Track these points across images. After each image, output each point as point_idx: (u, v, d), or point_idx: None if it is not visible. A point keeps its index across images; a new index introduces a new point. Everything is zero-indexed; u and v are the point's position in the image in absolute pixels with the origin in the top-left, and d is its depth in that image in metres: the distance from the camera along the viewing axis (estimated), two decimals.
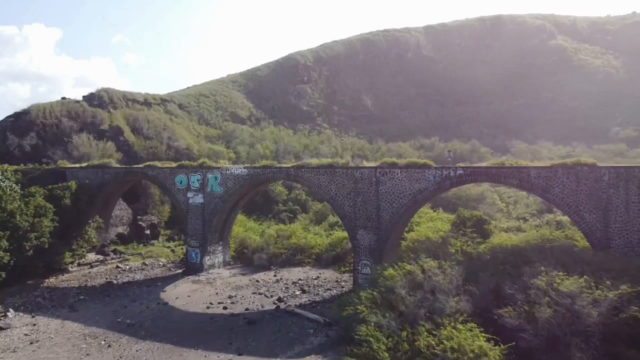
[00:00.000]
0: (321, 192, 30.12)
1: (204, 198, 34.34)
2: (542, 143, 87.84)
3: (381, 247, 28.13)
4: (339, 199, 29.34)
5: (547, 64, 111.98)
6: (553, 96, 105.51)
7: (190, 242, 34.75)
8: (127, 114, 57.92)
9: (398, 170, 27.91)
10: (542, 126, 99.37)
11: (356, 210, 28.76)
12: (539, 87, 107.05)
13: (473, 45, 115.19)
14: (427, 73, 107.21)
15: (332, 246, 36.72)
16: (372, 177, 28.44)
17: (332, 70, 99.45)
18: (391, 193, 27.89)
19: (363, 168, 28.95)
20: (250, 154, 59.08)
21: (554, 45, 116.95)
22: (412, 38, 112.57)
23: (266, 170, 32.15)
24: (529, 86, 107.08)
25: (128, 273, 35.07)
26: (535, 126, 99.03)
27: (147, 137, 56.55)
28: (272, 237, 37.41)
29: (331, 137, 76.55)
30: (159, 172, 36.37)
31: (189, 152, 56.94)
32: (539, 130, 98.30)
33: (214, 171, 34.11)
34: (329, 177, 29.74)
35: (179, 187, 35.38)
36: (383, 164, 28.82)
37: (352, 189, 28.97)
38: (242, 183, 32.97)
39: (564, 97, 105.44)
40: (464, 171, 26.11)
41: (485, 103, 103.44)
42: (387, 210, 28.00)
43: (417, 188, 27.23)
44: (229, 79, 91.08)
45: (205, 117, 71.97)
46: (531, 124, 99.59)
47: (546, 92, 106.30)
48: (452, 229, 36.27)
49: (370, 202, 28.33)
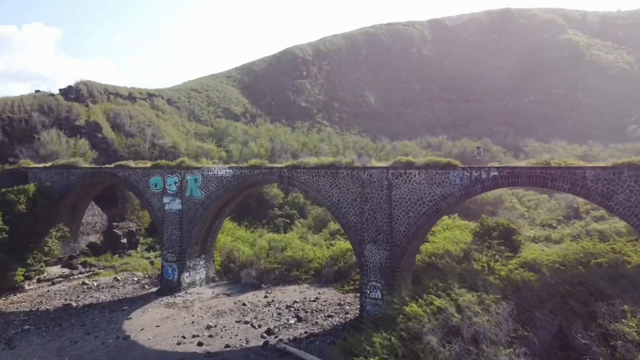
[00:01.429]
0: (321, 198, 24.82)
1: (182, 204, 29.04)
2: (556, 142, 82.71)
3: (394, 265, 22.85)
4: (343, 207, 24.05)
5: (559, 59, 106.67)
6: (565, 92, 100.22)
7: (167, 256, 29.43)
8: (108, 109, 52.63)
9: (415, 172, 22.62)
10: (554, 124, 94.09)
11: (363, 220, 23.49)
12: (551, 83, 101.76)
13: (480, 39, 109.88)
14: (432, 68, 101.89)
15: (333, 260, 31.46)
16: (383, 180, 23.16)
17: (332, 64, 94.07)
18: (407, 199, 22.61)
19: (372, 168, 23.66)
20: (243, 152, 53.83)
21: (565, 39, 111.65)
22: (417, 32, 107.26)
23: (254, 171, 26.84)
24: (540, 82, 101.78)
25: (94, 292, 29.78)
26: (548, 124, 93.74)
27: (128, 134, 51.26)
28: (264, 249, 32.10)
29: (332, 135, 71.28)
30: (131, 173, 31.07)
31: (175, 151, 51.70)
32: (551, 128, 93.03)
33: (194, 172, 28.81)
34: (331, 179, 24.47)
35: (153, 190, 30.08)
36: (396, 164, 23.53)
37: (359, 194, 23.69)
38: (227, 186, 27.68)
39: (577, 94, 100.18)
40: (499, 172, 20.81)
41: (494, 100, 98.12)
42: (402, 220, 22.71)
43: (440, 193, 21.94)
44: (223, 74, 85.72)
45: (196, 113, 66.67)
46: (543, 122, 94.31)
47: (558, 89, 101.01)
48: (474, 239, 31.07)
49: (381, 211, 23.05)
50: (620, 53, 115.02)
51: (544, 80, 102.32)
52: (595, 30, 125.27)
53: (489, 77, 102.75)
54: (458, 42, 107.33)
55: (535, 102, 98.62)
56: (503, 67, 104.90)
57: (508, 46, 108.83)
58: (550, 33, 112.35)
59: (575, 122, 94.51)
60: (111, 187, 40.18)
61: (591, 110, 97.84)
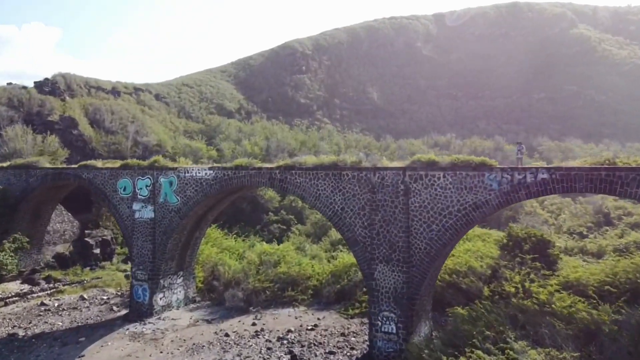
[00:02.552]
0: (320, 206, 20.08)
1: (154, 211, 24.30)
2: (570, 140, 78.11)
3: (413, 291, 18.13)
4: (348, 217, 19.34)
5: (570, 54, 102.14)
6: (578, 89, 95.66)
7: (136, 274, 24.68)
8: (87, 104, 47.92)
9: (440, 174, 17.90)
10: (567, 122, 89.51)
11: (374, 234, 18.77)
12: (562, 79, 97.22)
13: (488, 34, 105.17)
14: (438, 64, 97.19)
15: (335, 276, 26.73)
16: (399, 184, 18.44)
17: (333, 59, 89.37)
18: (429, 208, 17.90)
19: (384, 169, 18.94)
20: (235, 151, 49.09)
21: (576, 34, 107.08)
22: (421, 26, 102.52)
23: (240, 173, 22.09)
24: (550, 79, 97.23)
25: (51, 315, 25.04)
26: (560, 122, 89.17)
27: (109, 130, 46.60)
28: (253, 263, 27.31)
29: (333, 133, 66.56)
30: (96, 175, 26.33)
31: (160, 149, 47.10)
32: (563, 126, 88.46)
33: (169, 173, 24.07)
34: (333, 182, 19.76)
35: (122, 195, 25.34)
36: (415, 163, 18.80)
37: (368, 201, 18.98)
38: (207, 190, 22.94)
39: (590, 91, 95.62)
40: (550, 175, 16.10)
41: (503, 97, 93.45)
42: (423, 234, 18.00)
43: (472, 201, 17.23)
44: (218, 69, 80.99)
45: (187, 109, 61.95)
46: (555, 120, 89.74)
47: (570, 85, 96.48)
48: (502, 253, 26.34)
49: (396, 222, 18.35)
50: (632, 48, 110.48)
51: (555, 77, 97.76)
52: (606, 26, 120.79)
53: (498, 73, 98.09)
54: (465, 36, 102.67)
55: (546, 99, 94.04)
56: (512, 63, 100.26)
57: (517, 41, 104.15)
58: (560, 27, 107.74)
59: (589, 120, 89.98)
60: (84, 190, 35.51)
61: (605, 108, 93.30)
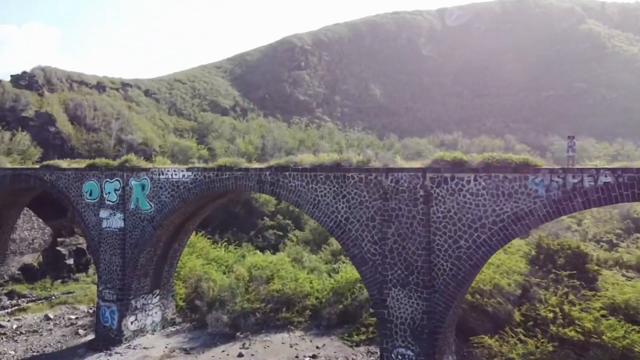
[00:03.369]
0: (320, 215, 16.41)
1: (124, 220, 20.62)
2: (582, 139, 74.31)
3: (435, 324, 14.46)
4: (353, 229, 15.69)
5: (579, 50, 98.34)
6: (588, 86, 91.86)
7: (104, 294, 21.00)
8: (67, 99, 44.27)
9: (470, 176, 14.26)
10: (577, 121, 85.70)
11: (386, 250, 15.13)
12: (571, 76, 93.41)
13: (494, 29, 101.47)
14: (442, 60, 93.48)
15: (337, 294, 23.04)
16: (417, 189, 14.80)
17: (334, 55, 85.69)
18: (456, 220, 14.28)
19: (399, 171, 15.28)
20: (228, 150, 45.41)
21: (585, 30, 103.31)
22: (425, 21, 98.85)
23: (223, 175, 18.42)
24: (559, 75, 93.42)
25: (5, 341, 21.42)
26: (570, 120, 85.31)
27: (91, 128, 42.95)
28: (242, 279, 23.60)
29: (333, 132, 62.92)
30: (60, 176, 22.66)
31: (146, 148, 43.49)
32: (573, 125, 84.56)
33: (141, 175, 20.39)
34: (335, 186, 16.11)
35: (88, 200, 21.68)
36: (438, 163, 15.13)
37: (379, 210, 15.34)
38: (185, 195, 19.26)
39: (600, 88, 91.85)
40: (616, 178, 12.46)
41: (511, 94, 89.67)
42: (448, 252, 14.37)
43: (512, 211, 13.59)
44: (213, 65, 77.31)
45: (178, 106, 58.29)
46: (565, 118, 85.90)
47: (579, 82, 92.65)
48: (531, 268, 22.68)
49: (414, 237, 14.72)
50: None
51: (564, 74, 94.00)
52: (615, 21, 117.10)
53: (504, 70, 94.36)
54: (470, 31, 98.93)
55: (555, 96, 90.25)
56: (519, 60, 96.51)
57: (524, 37, 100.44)
58: (569, 23, 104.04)
59: (600, 118, 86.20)
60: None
61: (616, 106, 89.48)
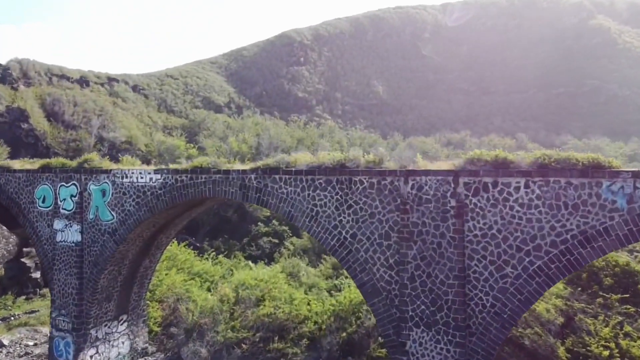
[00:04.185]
0: (319, 230, 12.81)
1: (81, 232, 16.98)
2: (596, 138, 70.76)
3: None
4: (362, 249, 12.12)
5: (590, 46, 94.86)
6: (599, 84, 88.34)
7: (58, 322, 17.38)
8: (44, 93, 40.66)
9: (519, 181, 10.67)
10: (589, 119, 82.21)
11: (405, 278, 11.55)
12: (582, 73, 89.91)
13: (501, 24, 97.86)
14: (447, 56, 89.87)
15: (339, 319, 19.40)
16: (448, 197, 11.21)
17: (334, 50, 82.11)
18: (500, 239, 10.75)
19: (423, 174, 11.63)
20: (220, 150, 41.81)
21: (595, 25, 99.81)
22: (429, 16, 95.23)
23: (198, 178, 14.79)
24: (569, 72, 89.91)
25: None
26: (582, 119, 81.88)
27: (70, 125, 39.34)
28: (228, 301, 19.95)
29: (334, 130, 59.32)
30: (10, 179, 19.02)
31: (130, 148, 39.87)
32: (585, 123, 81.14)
33: (101, 178, 16.76)
34: (338, 194, 12.54)
35: (40, 208, 18.05)
36: (474, 163, 11.47)
37: (395, 224, 11.76)
38: (153, 203, 15.63)
39: (612, 85, 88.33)
40: None
41: (519, 92, 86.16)
42: (489, 282, 10.81)
43: (579, 228, 10.06)
44: (208, 60, 73.68)
45: (169, 102, 54.67)
46: (576, 117, 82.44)
47: (590, 79, 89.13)
48: (572, 290, 19.01)
49: (443, 261, 11.19)
50: None
51: (575, 70, 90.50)
52: (625, 17, 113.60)
53: (512, 66, 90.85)
54: (476, 27, 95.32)
55: (565, 94, 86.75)
56: (527, 56, 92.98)
57: (532, 32, 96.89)
58: (578, 18, 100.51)
59: (613, 117, 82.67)
60: None
61: (629, 104, 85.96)
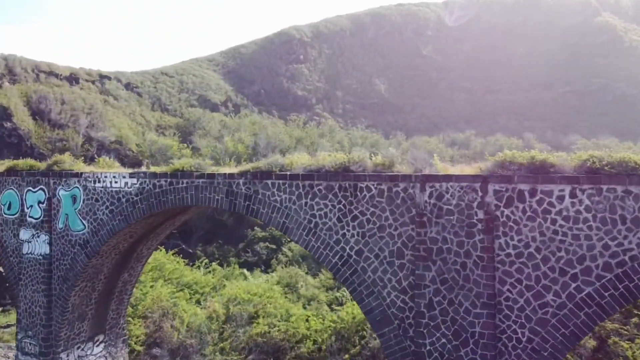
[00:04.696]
0: (318, 246, 10.87)
1: (50, 243, 15.06)
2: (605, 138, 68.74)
3: None
4: (370, 270, 10.25)
5: (596, 44, 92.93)
6: (606, 82, 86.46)
7: (24, 345, 15.47)
8: (31, 91, 38.73)
9: (564, 189, 8.69)
10: (596, 118, 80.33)
11: (422, 305, 9.61)
12: (589, 71, 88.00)
13: (505, 22, 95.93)
14: (450, 54, 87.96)
15: (340, 338, 17.48)
16: (474, 208, 9.27)
17: (335, 48, 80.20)
18: (540, 260, 8.75)
19: (444, 180, 9.66)
20: (216, 150, 39.87)
21: (601, 22, 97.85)
22: (431, 13, 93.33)
23: (180, 183, 12.85)
24: (575, 70, 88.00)
25: None
26: (588, 118, 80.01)
27: (57, 124, 37.43)
28: (217, 318, 17.98)
29: (335, 129, 57.36)
30: None
31: (120, 148, 37.99)
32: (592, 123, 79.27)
33: (71, 183, 14.82)
34: (341, 203, 10.58)
35: (6, 215, 16.13)
36: (506, 167, 9.50)
37: (410, 240, 9.85)
38: (128, 211, 13.70)
39: (620, 84, 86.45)
40: None
41: (524, 90, 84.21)
42: (526, 312, 8.88)
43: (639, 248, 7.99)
44: (205, 58, 71.75)
45: (163, 101, 52.74)
46: (583, 116, 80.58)
47: (597, 78, 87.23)
48: None
49: (468, 285, 9.32)
50: None
51: (581, 69, 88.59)
52: (631, 15, 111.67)
53: (516, 64, 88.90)
54: (480, 24, 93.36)
55: (571, 93, 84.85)
56: (532, 54, 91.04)
57: (536, 30, 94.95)
58: (583, 15, 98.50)
59: (621, 116, 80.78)
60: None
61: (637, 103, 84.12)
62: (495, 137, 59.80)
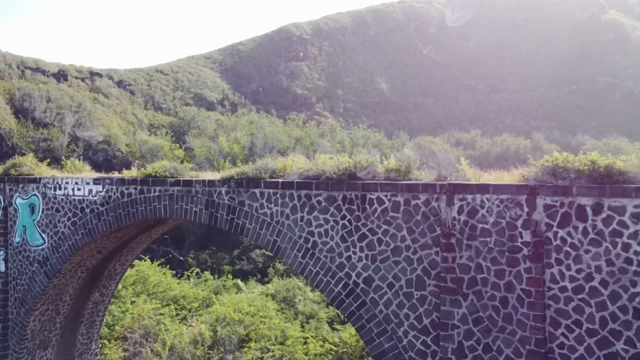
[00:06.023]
0: (317, 270, 8.70)
1: (5, 259, 13.00)
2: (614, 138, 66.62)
3: None
4: (381, 302, 8.07)
5: (603, 42, 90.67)
6: (613, 81, 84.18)
7: None
8: (14, 88, 36.68)
9: (636, 205, 6.45)
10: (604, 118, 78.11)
11: (449, 350, 7.43)
12: (596, 70, 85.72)
13: (510, 19, 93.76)
14: (454, 52, 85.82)
15: None
16: (518, 228, 7.05)
17: (336, 45, 78.04)
18: (606, 296, 6.52)
19: (477, 190, 7.50)
20: (210, 151, 37.73)
21: (608, 20, 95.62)
22: (434, 10, 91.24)
23: (152, 192, 10.74)
24: (582, 69, 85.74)
25: None
26: (596, 117, 77.76)
27: (41, 122, 35.38)
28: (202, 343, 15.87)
29: (335, 129, 55.25)
30: None
31: (108, 148, 35.92)
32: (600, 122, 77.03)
33: (29, 190, 12.73)
34: (345, 218, 8.40)
35: None
36: (559, 172, 7.33)
37: (434, 267, 7.63)
38: (93, 224, 11.60)
39: (628, 83, 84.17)
40: None
41: (530, 89, 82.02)
42: None
43: None
44: (201, 55, 69.70)
45: (157, 99, 50.68)
46: (590, 115, 78.30)
47: (604, 76, 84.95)
48: None
49: (510, 327, 7.00)
50: None
51: (588, 67, 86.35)
52: (638, 13, 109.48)
53: (522, 62, 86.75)
54: (484, 21, 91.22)
55: (578, 91, 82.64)
56: (537, 52, 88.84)
57: (542, 27, 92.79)
58: (590, 12, 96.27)
59: (629, 115, 78.55)
60: None
61: None
62: (502, 137, 57.71)
